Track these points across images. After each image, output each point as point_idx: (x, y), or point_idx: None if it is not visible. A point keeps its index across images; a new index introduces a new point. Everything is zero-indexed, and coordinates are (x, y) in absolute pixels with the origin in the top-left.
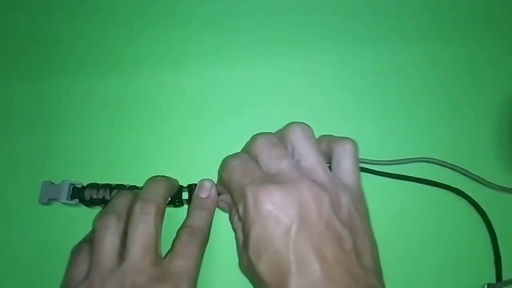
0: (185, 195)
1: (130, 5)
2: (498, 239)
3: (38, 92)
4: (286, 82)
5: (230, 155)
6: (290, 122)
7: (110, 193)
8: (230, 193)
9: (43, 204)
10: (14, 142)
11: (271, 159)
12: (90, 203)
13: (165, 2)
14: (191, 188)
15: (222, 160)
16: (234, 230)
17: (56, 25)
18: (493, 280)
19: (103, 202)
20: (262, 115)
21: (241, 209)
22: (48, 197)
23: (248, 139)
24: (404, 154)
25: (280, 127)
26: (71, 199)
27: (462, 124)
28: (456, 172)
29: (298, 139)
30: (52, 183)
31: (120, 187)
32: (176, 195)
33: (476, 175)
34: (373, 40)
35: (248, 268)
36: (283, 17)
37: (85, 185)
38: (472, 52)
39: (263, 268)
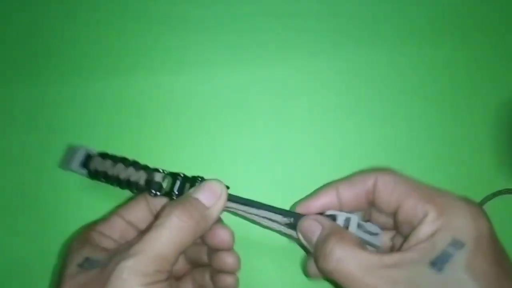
0: None
1: (128, 8)
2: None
3: (36, 95)
4: (284, 85)
5: None
6: None
7: (113, 166)
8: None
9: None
10: (13, 143)
11: None
12: (94, 175)
13: (163, 4)
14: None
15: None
16: None
17: (54, 28)
18: None
19: (106, 177)
20: (260, 118)
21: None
22: (65, 162)
23: (246, 143)
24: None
25: (278, 129)
26: (82, 167)
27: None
28: None
29: None
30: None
31: (124, 161)
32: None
33: None
34: (371, 43)
35: None
36: (281, 20)
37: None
38: (468, 56)
39: None
